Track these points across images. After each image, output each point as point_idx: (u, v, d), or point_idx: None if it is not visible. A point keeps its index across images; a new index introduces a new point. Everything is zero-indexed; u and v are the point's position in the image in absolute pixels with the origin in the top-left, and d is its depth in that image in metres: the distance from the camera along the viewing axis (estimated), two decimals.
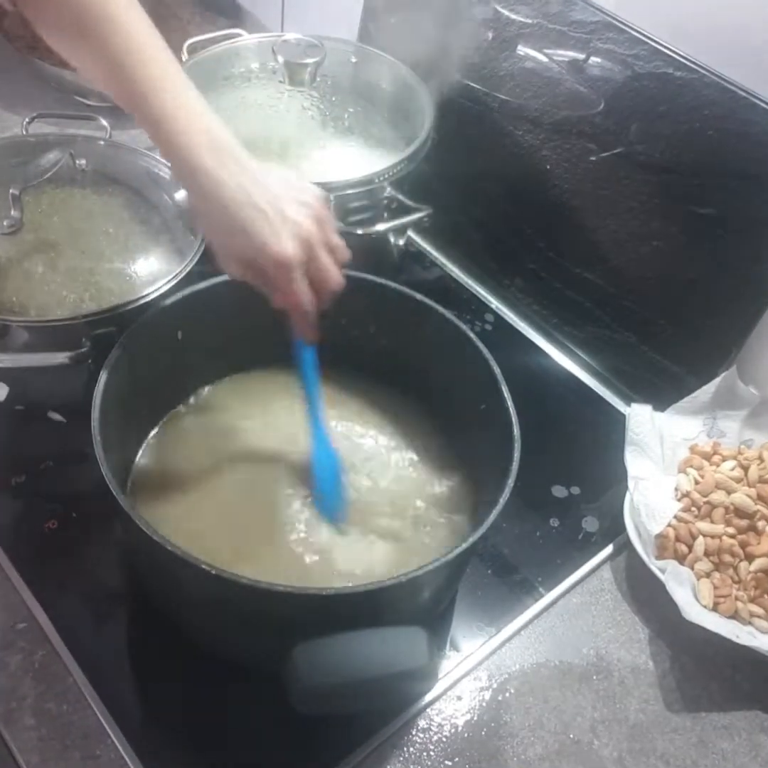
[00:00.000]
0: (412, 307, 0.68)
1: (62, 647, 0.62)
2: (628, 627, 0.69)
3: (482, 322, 0.92)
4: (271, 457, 0.68)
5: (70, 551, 0.67)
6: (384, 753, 0.60)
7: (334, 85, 0.91)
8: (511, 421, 0.60)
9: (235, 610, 0.55)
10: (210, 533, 0.62)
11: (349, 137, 0.88)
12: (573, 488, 0.78)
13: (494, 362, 0.63)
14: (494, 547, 0.72)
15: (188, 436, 0.69)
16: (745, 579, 0.68)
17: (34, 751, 0.57)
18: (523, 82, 0.84)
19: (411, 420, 0.72)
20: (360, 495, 0.67)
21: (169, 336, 0.66)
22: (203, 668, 0.61)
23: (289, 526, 0.64)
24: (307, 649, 0.48)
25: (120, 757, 0.57)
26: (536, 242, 0.89)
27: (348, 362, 0.73)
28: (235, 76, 0.92)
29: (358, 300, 0.69)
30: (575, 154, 0.82)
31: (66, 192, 0.79)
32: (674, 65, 0.73)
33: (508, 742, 0.62)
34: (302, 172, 0.84)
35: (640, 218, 0.79)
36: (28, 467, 0.72)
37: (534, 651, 0.67)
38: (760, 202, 0.71)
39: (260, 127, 0.87)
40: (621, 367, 0.87)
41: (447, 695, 0.63)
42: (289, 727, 0.59)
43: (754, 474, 0.73)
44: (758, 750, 0.63)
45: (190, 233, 0.77)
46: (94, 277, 0.73)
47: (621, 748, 0.62)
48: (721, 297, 0.77)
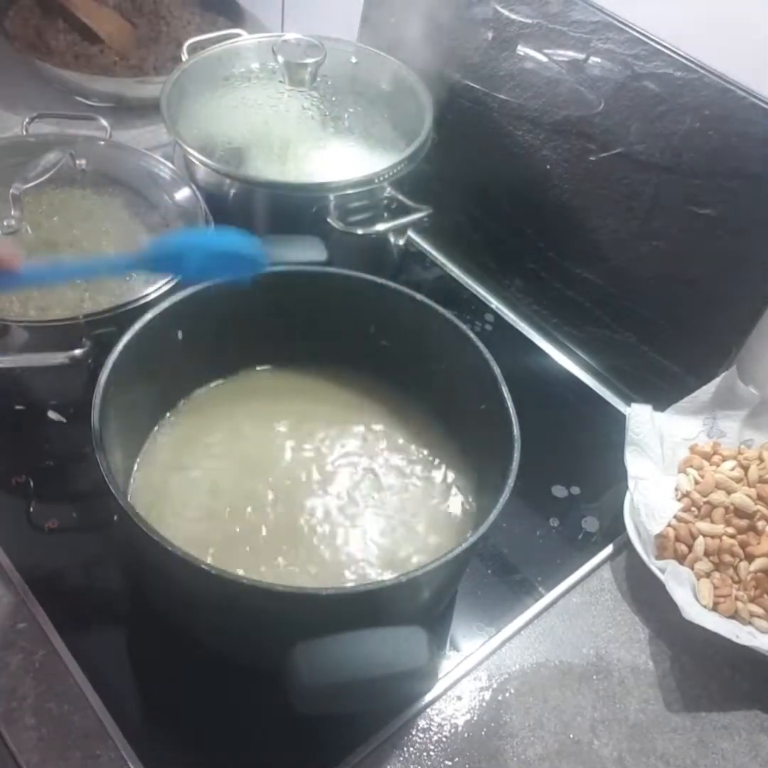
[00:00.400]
0: (412, 307, 0.68)
1: (62, 647, 0.62)
2: (628, 627, 0.69)
3: (482, 322, 0.92)
4: (273, 458, 0.68)
5: (70, 551, 0.67)
6: (384, 753, 0.60)
7: (334, 85, 0.91)
8: (511, 421, 0.60)
9: (234, 610, 0.55)
10: (210, 533, 0.62)
11: (349, 137, 0.88)
12: (573, 488, 0.78)
13: (494, 362, 0.63)
14: (494, 547, 0.72)
15: (188, 435, 0.69)
16: (745, 579, 0.68)
17: (34, 751, 0.57)
18: (523, 82, 0.84)
19: (410, 420, 0.72)
20: (360, 494, 0.67)
21: (169, 336, 0.66)
22: (203, 668, 0.61)
23: (287, 525, 0.64)
24: (306, 649, 0.48)
25: (120, 757, 0.57)
26: (536, 242, 0.89)
27: (347, 362, 0.73)
28: (235, 77, 0.92)
29: (358, 300, 0.69)
30: (575, 154, 0.82)
31: (66, 192, 0.79)
32: (674, 65, 0.73)
33: (508, 742, 0.62)
34: (302, 172, 0.85)
35: (640, 218, 0.79)
36: (28, 467, 0.72)
37: (534, 651, 0.67)
38: (760, 202, 0.71)
39: (260, 127, 0.87)
40: (621, 367, 0.87)
41: (447, 695, 0.63)
42: (289, 727, 0.59)
43: (754, 474, 0.73)
44: (758, 750, 0.63)
45: None
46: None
47: (621, 748, 0.62)
48: (721, 297, 0.77)
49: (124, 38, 1.11)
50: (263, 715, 0.60)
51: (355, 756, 0.59)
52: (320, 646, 0.49)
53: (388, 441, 0.71)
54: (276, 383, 0.73)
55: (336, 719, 0.58)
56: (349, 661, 0.49)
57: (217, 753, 0.59)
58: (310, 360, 0.73)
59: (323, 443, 0.70)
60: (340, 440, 0.70)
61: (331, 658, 0.49)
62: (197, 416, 0.71)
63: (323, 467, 0.68)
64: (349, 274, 0.68)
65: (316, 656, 0.48)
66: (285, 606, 0.52)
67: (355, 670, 0.49)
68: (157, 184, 0.81)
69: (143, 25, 1.14)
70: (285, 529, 0.64)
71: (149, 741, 0.58)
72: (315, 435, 0.70)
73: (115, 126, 0.88)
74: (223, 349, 0.71)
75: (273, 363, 0.73)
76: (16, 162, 0.77)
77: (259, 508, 0.65)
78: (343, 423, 0.71)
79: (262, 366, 0.74)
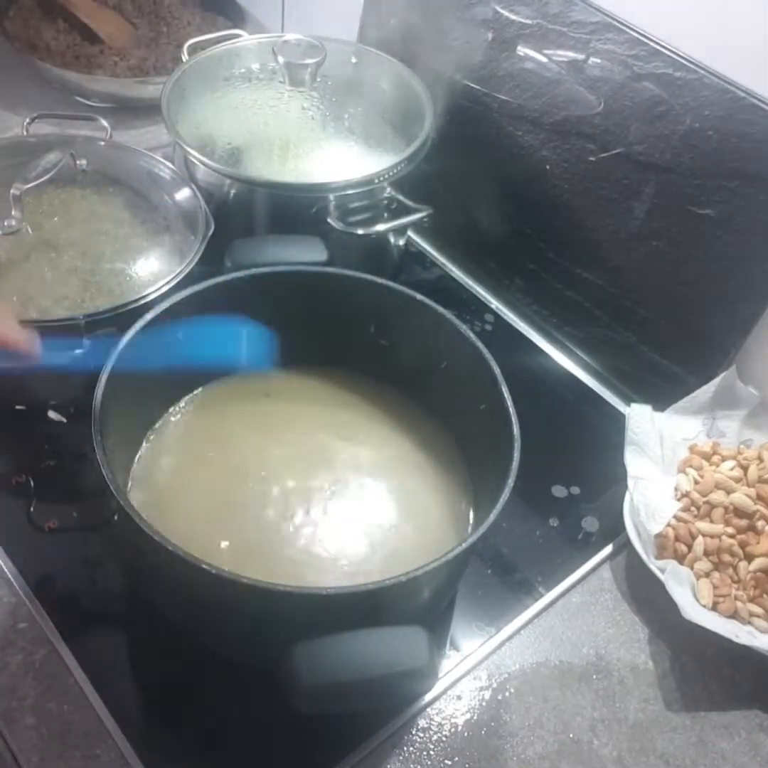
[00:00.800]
0: (412, 307, 0.68)
1: (63, 647, 0.62)
2: (628, 627, 0.69)
3: (482, 322, 0.92)
4: (269, 459, 0.68)
5: (70, 551, 0.67)
6: (384, 753, 0.60)
7: (334, 86, 0.91)
8: (510, 420, 0.60)
9: (234, 610, 0.55)
10: (210, 532, 0.62)
11: (349, 137, 0.88)
12: (573, 488, 0.78)
13: (494, 362, 0.63)
14: (494, 547, 0.72)
15: (187, 435, 0.69)
16: (744, 579, 0.68)
17: (34, 750, 0.57)
18: (522, 83, 0.84)
19: (409, 420, 0.72)
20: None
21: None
22: (203, 668, 0.62)
23: (286, 525, 0.64)
24: (306, 649, 0.48)
25: (120, 757, 0.57)
26: (536, 242, 0.89)
27: (347, 362, 0.73)
28: (235, 77, 0.92)
29: (357, 300, 0.69)
30: (575, 155, 0.82)
31: (66, 192, 0.79)
32: (674, 65, 0.73)
33: (507, 741, 0.62)
34: (302, 172, 0.85)
35: (640, 218, 0.80)
36: (28, 467, 0.72)
37: (534, 651, 0.67)
38: (760, 202, 0.71)
39: (260, 127, 0.87)
40: (621, 367, 0.87)
41: (447, 695, 0.63)
42: (288, 727, 0.59)
43: (753, 474, 0.73)
44: (758, 749, 0.63)
45: (190, 233, 0.77)
46: (94, 277, 0.73)
47: (621, 747, 0.62)
48: (721, 297, 0.77)
49: (124, 38, 1.11)
50: (263, 715, 0.60)
51: (355, 756, 0.59)
52: (320, 646, 0.49)
53: (387, 441, 0.71)
54: (275, 383, 0.73)
55: (336, 719, 0.58)
56: (349, 661, 0.49)
57: (217, 753, 0.59)
58: (309, 360, 0.73)
59: (321, 442, 0.70)
60: (337, 439, 0.70)
61: (331, 658, 0.49)
62: (196, 416, 0.71)
63: (321, 466, 0.68)
64: (349, 274, 0.68)
65: (316, 656, 0.48)
66: (285, 606, 0.52)
67: (355, 670, 0.49)
68: (157, 184, 0.81)
69: (143, 25, 1.14)
70: (286, 528, 0.64)
71: (149, 741, 0.58)
72: (313, 435, 0.70)
73: (115, 126, 0.88)
74: None
75: (274, 360, 0.73)
76: (16, 162, 0.77)
77: (260, 509, 0.65)
78: (341, 422, 0.71)
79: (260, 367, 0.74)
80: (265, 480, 0.66)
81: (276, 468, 0.67)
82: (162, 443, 0.68)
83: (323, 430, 0.70)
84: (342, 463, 0.68)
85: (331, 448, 0.69)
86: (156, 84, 1.00)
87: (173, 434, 0.69)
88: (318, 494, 0.66)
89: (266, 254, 0.69)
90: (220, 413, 0.71)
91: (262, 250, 0.70)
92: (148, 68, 1.08)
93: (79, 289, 0.72)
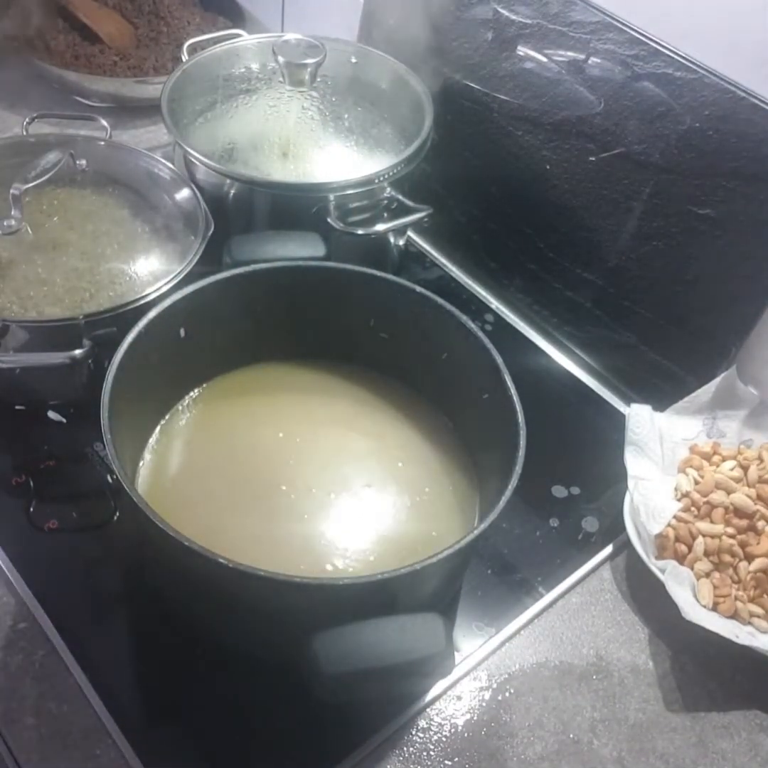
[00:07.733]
0: (411, 299, 0.68)
1: (62, 647, 0.62)
2: (628, 627, 0.69)
3: (482, 322, 0.92)
4: (275, 451, 0.68)
5: (70, 551, 0.67)
6: (384, 753, 0.60)
7: (334, 86, 0.91)
8: (515, 408, 0.59)
9: (249, 603, 0.55)
10: (219, 525, 0.62)
11: (349, 137, 0.88)
12: (573, 488, 0.78)
13: (496, 352, 0.63)
14: (494, 547, 0.72)
15: (196, 428, 0.69)
16: (744, 579, 0.68)
17: (34, 751, 0.57)
18: (522, 83, 0.84)
19: (411, 412, 0.72)
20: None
21: (172, 334, 0.66)
22: (203, 668, 0.62)
23: (296, 517, 0.64)
24: (325, 639, 0.49)
25: (120, 757, 0.57)
26: (536, 242, 0.89)
27: (347, 355, 0.73)
28: (235, 77, 0.92)
29: (356, 294, 0.69)
30: (575, 155, 0.82)
31: (66, 192, 0.79)
32: (674, 65, 0.73)
33: (507, 741, 0.62)
34: (302, 172, 0.85)
35: (640, 218, 0.80)
36: (28, 467, 0.72)
37: (534, 651, 0.67)
38: (760, 202, 0.71)
39: (260, 127, 0.87)
40: (621, 367, 0.87)
41: (447, 695, 0.63)
42: (288, 727, 0.59)
43: (753, 474, 0.73)
44: (757, 749, 0.63)
45: (190, 233, 0.77)
46: (94, 277, 0.73)
47: (620, 747, 0.62)
48: (721, 297, 0.77)
49: (124, 38, 1.11)
50: (263, 716, 0.60)
51: (355, 756, 0.59)
52: (340, 634, 0.49)
53: (389, 433, 0.71)
54: (277, 378, 0.73)
55: (335, 719, 0.58)
56: (369, 648, 0.49)
57: (217, 753, 0.59)
58: (311, 354, 0.73)
59: (325, 436, 0.70)
60: (340, 433, 0.70)
61: (351, 647, 0.49)
62: (204, 410, 0.71)
63: (325, 459, 0.68)
64: (348, 268, 0.68)
65: (335, 645, 0.49)
66: (303, 596, 0.52)
67: (375, 658, 0.49)
68: (157, 184, 0.81)
69: (143, 25, 1.14)
70: (296, 519, 0.64)
71: (149, 741, 0.58)
72: (317, 428, 0.70)
73: (115, 126, 0.88)
74: (226, 346, 0.71)
75: (273, 358, 0.73)
76: (16, 162, 0.77)
77: (269, 501, 0.65)
78: (343, 416, 0.72)
79: (264, 362, 0.74)
80: (273, 473, 0.66)
81: (281, 460, 0.67)
82: (167, 440, 0.68)
83: (324, 422, 0.71)
84: (347, 453, 0.69)
85: (336, 440, 0.69)
86: (156, 84, 1.00)
87: (182, 428, 0.69)
88: (326, 485, 0.66)
89: (264, 250, 0.69)
90: (222, 408, 0.71)
91: (260, 246, 0.70)
92: (147, 68, 1.08)
93: (79, 289, 0.72)
